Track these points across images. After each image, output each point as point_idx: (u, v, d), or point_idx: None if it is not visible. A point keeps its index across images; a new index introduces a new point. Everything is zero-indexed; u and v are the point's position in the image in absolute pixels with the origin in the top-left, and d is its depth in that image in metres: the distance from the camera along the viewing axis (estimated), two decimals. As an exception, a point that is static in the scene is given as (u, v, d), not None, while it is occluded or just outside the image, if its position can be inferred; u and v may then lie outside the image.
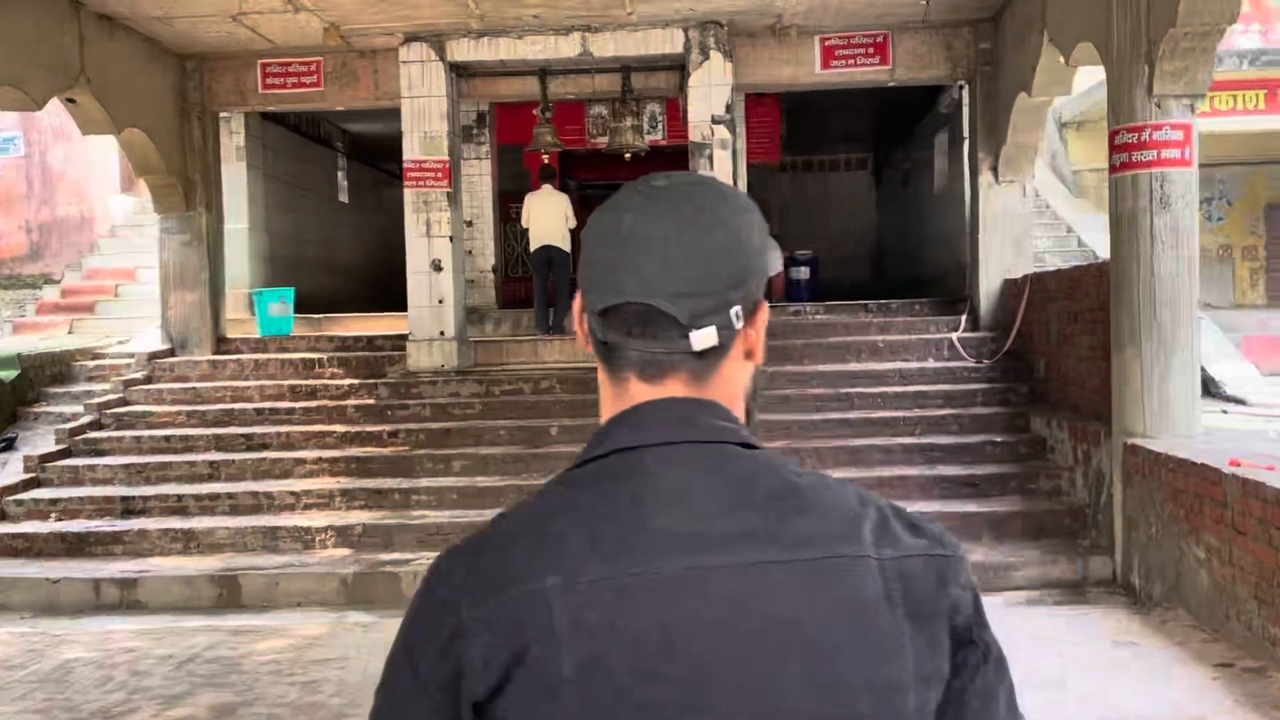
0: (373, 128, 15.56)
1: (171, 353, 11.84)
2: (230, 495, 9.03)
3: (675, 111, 14.36)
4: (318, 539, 8.47)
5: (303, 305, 13.64)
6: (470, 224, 13.03)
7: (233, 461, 9.55)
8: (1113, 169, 7.31)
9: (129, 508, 9.01)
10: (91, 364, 11.66)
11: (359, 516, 8.78)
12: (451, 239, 11.26)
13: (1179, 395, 7.01)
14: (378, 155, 16.72)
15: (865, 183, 19.44)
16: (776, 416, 9.82)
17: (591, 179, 15.97)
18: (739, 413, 1.13)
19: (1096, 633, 6.10)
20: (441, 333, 11.25)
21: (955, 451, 9.15)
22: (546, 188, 12.27)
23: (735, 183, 11.09)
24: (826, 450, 9.22)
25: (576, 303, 1.15)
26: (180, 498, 9.04)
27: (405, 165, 11.28)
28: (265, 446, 9.96)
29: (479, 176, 13.10)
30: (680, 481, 1.04)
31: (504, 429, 9.91)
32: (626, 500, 1.04)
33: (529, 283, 13.10)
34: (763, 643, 0.98)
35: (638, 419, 1.09)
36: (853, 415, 9.77)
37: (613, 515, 1.03)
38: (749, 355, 1.15)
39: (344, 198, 16.77)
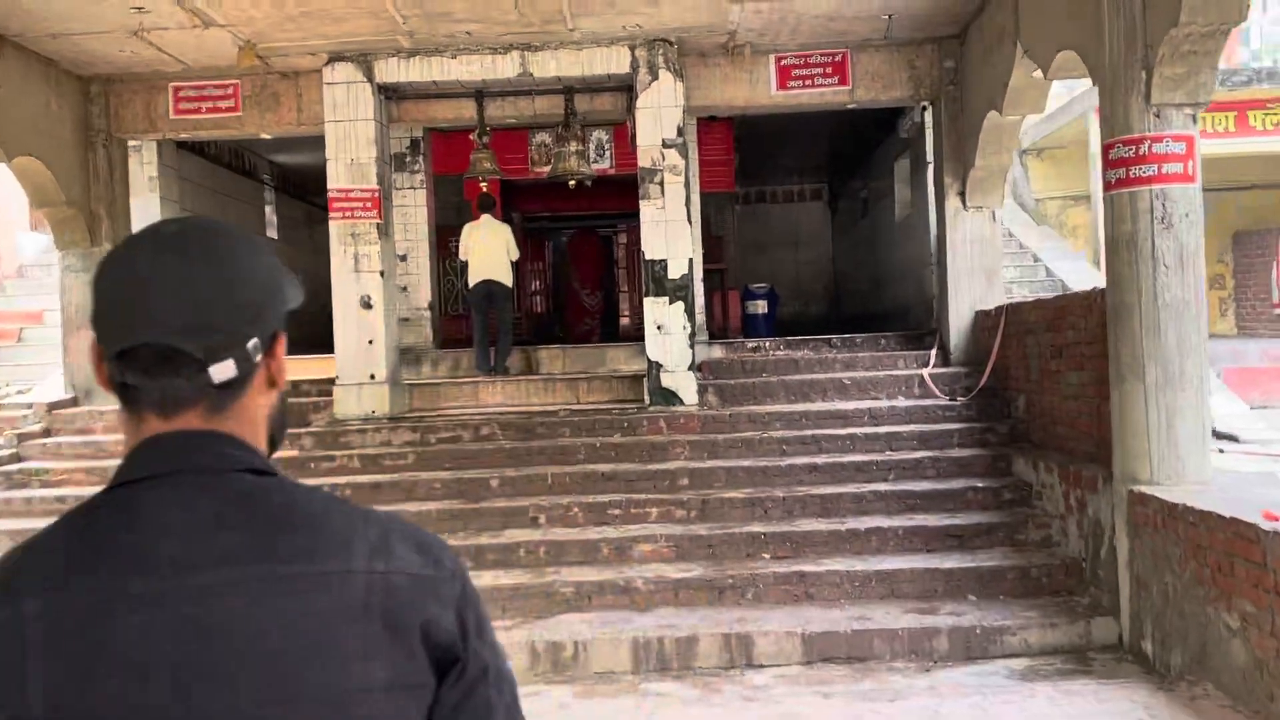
0: (302, 159, 14.66)
1: (75, 402, 10.79)
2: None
3: (623, 139, 13.60)
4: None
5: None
6: (404, 258, 12.14)
7: (134, 524, 8.52)
8: (1108, 186, 6.60)
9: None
10: (-17, 416, 10.57)
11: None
12: (383, 274, 10.37)
13: (1189, 436, 6.29)
14: (308, 188, 15.79)
15: (820, 214, 18.83)
16: (738, 462, 9.01)
17: (536, 210, 15.16)
18: (260, 439, 1.22)
19: (1116, 711, 5.30)
20: (372, 376, 10.33)
21: (934, 499, 8.37)
22: (486, 218, 11.43)
23: (689, 210, 10.34)
24: (793, 499, 8.41)
25: (91, 347, 1.18)
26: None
27: (330, 195, 10.39)
28: (173, 506, 8.95)
29: (414, 208, 12.22)
30: (174, 507, 1.10)
31: (440, 481, 8.99)
32: (120, 527, 1.09)
33: (469, 320, 12.22)
34: (227, 654, 1.05)
35: (148, 453, 1.14)
36: (820, 460, 8.98)
37: (100, 543, 1.08)
38: (271, 384, 1.22)
39: (273, 233, 15.80)
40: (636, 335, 13.65)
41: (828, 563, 7.67)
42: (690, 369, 10.23)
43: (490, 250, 11.23)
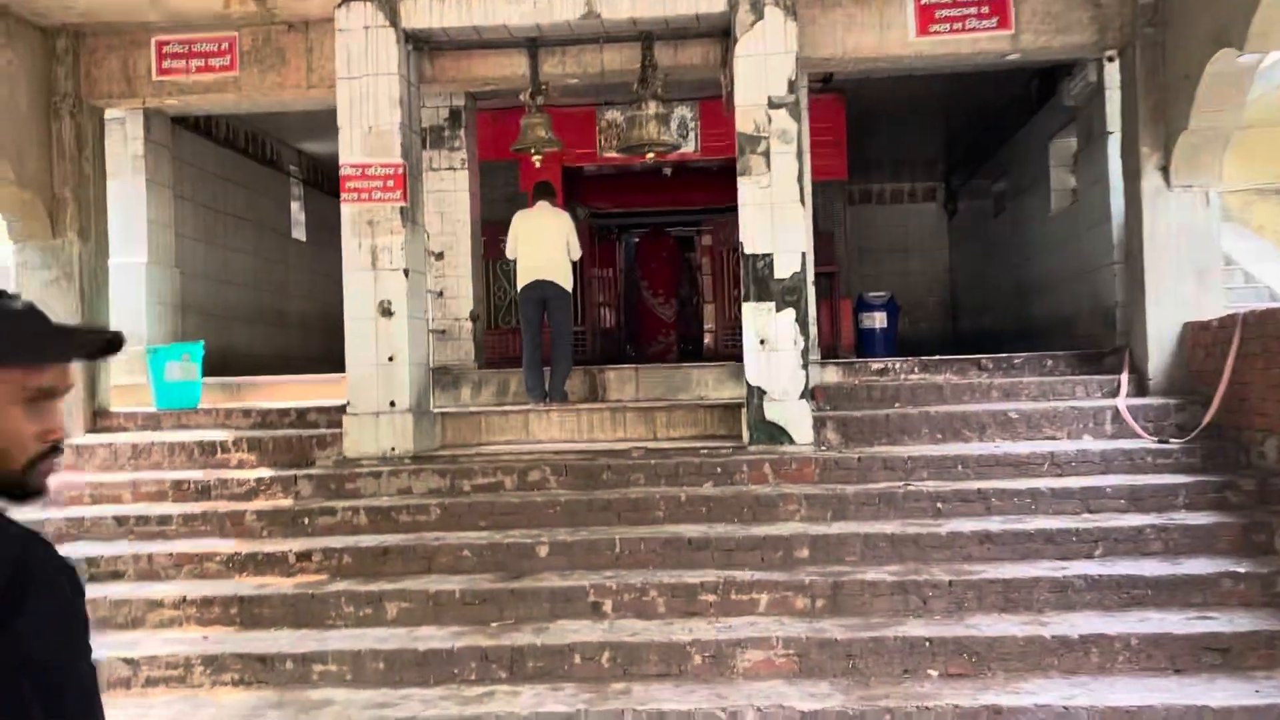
0: (334, 147, 12.51)
1: None
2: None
3: (711, 116, 11.26)
4: (148, 747, 5.17)
5: (227, 366, 10.47)
6: (440, 256, 9.86)
7: (55, 603, 6.26)
8: None
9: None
10: (-88, 449, 8.45)
11: (228, 703, 5.48)
12: (407, 272, 8.08)
13: None
14: (346, 184, 13.65)
15: (934, 217, 16.24)
16: (875, 527, 6.52)
17: (603, 206, 12.82)
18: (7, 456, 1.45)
19: None
20: (392, 403, 8.02)
21: (1170, 588, 5.81)
22: (543, 205, 9.10)
23: (801, 190, 7.90)
24: (963, 585, 5.90)
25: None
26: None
27: (343, 172, 8.14)
28: (116, 576, 6.71)
29: (453, 193, 9.93)
30: None
31: (470, 547, 6.63)
32: None
33: (519, 335, 9.90)
34: None
35: None
36: (994, 525, 6.45)
37: None
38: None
39: (300, 234, 13.67)
40: (723, 354, 11.21)
41: (1029, 689, 5.15)
42: (803, 396, 7.78)
43: (546, 244, 8.89)
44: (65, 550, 6.04)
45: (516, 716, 5.10)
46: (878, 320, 11.26)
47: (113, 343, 1.55)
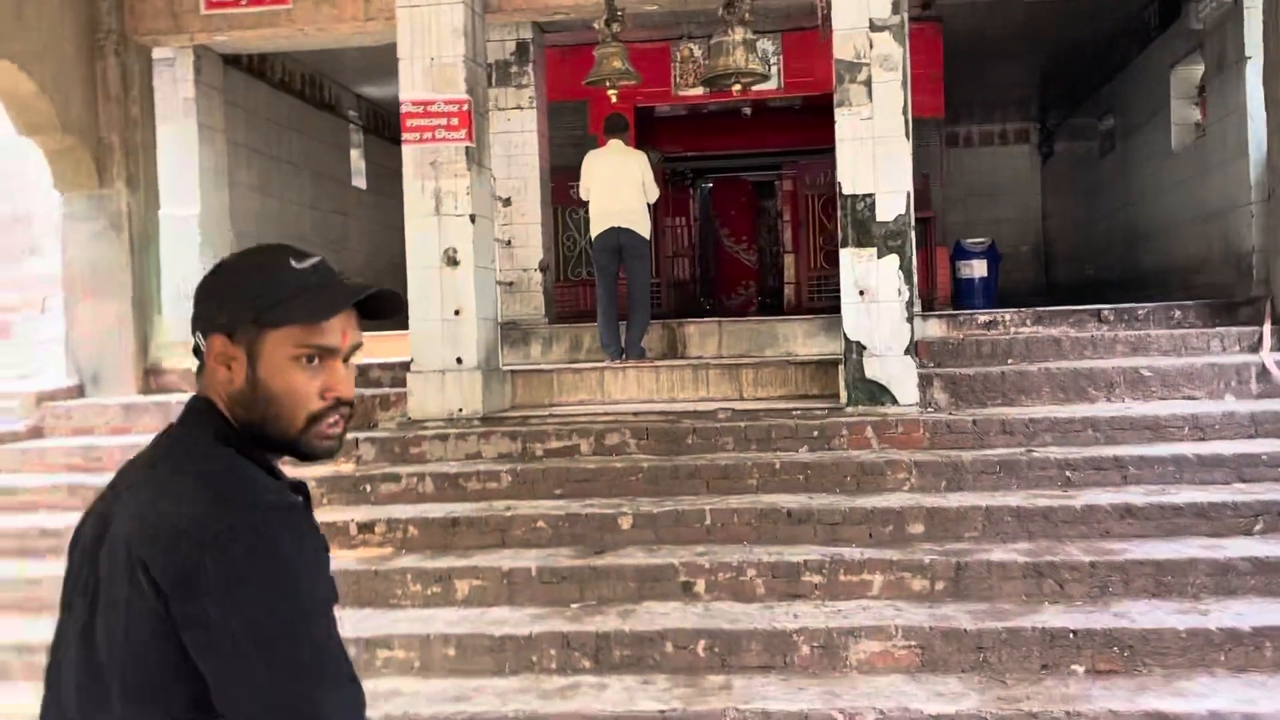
0: (397, 91, 11.90)
1: (80, 391, 8.22)
2: (76, 644, 5.28)
3: (795, 50, 10.45)
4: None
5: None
6: (508, 202, 9.23)
7: (101, 577, 5.80)
8: None
9: (-92, 666, 5.33)
10: (-40, 410, 8.07)
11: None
12: (474, 218, 7.47)
13: None
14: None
15: (1027, 160, 15.26)
16: (999, 499, 5.82)
17: (680, 150, 12.07)
18: (220, 399, 1.51)
19: None
20: (459, 360, 7.45)
21: (1350, 572, 5.05)
22: (615, 144, 8.43)
23: (906, 123, 7.12)
24: (1106, 567, 5.19)
25: None
26: (-6, 648, 5.33)
27: (403, 109, 7.53)
28: (166, 546, 6.21)
29: (521, 135, 9.27)
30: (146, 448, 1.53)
31: (546, 519, 6.03)
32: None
33: (594, 287, 9.28)
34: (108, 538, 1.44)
35: None
36: (1135, 497, 5.71)
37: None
38: (228, 368, 1.51)
39: (360, 183, 13.12)
40: (806, 308, 10.49)
41: (1196, 690, 4.45)
42: (907, 352, 7.05)
43: (620, 186, 8.22)
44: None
45: (606, 715, 4.51)
46: (976, 269, 10.44)
47: (391, 300, 1.57)
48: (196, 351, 1.53)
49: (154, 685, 1.37)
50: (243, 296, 1.50)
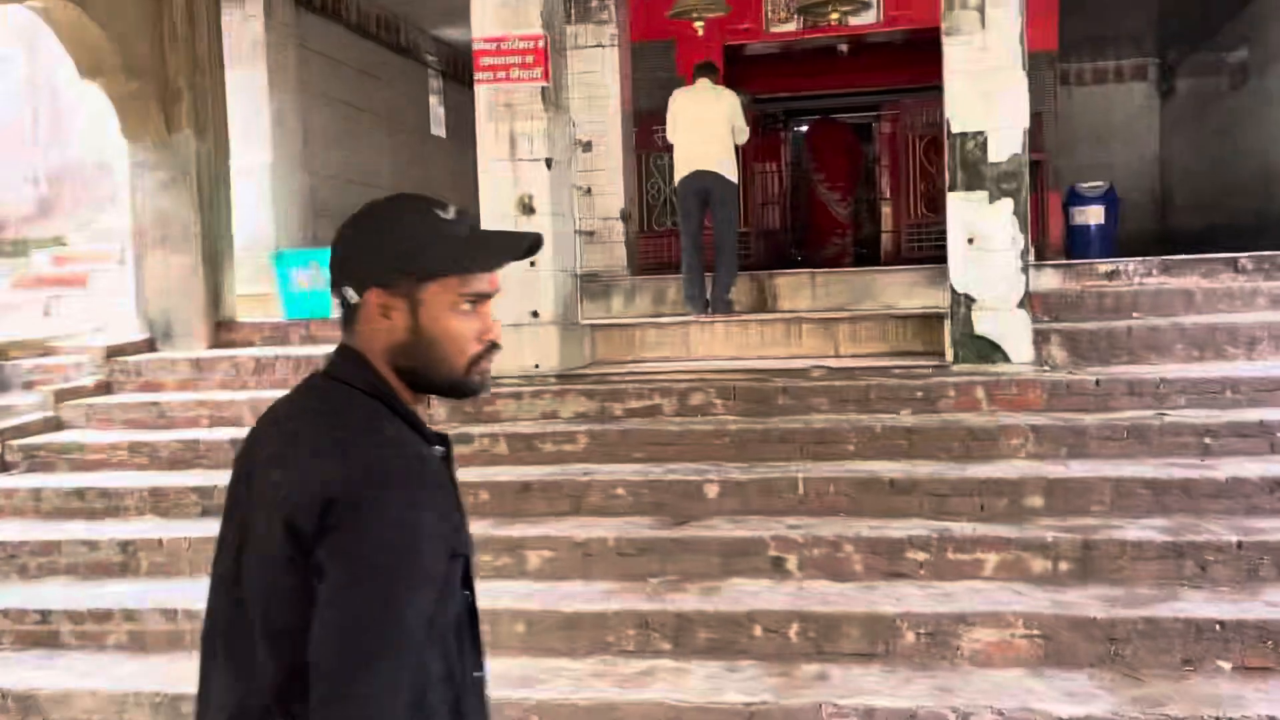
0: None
1: (150, 345, 8.01)
2: (132, 616, 5.02)
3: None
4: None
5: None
6: (587, 148, 8.74)
7: (161, 543, 5.54)
8: None
9: (-38, 631, 5.12)
10: (31, 363, 7.90)
11: (341, 668, 4.61)
12: (550, 163, 7.01)
13: None
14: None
15: (1144, 99, 14.23)
16: (1128, 469, 5.24)
17: (770, 91, 11.42)
18: (376, 359, 1.57)
19: None
20: (534, 314, 7.03)
21: None
22: (704, 83, 7.88)
23: (1023, 53, 6.44)
24: (1255, 548, 4.59)
25: None
26: (48, 614, 5.08)
27: (475, 48, 7.07)
28: (229, 509, 5.93)
29: (601, 75, 8.75)
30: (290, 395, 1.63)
31: (625, 484, 5.59)
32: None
33: (678, 238, 8.78)
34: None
35: None
36: (1284, 469, 5.06)
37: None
38: (386, 318, 1.56)
39: (439, 131, 12.74)
40: (904, 259, 9.83)
41: (1370, 698, 3.84)
42: (1021, 305, 6.43)
43: (708, 127, 7.70)
44: (176, 478, 5.27)
45: (688, 707, 4.07)
46: (1092, 216, 9.65)
47: (534, 244, 1.62)
48: (344, 304, 1.58)
49: (288, 629, 1.44)
50: (399, 249, 1.56)
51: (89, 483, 6.22)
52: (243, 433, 5.42)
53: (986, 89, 6.40)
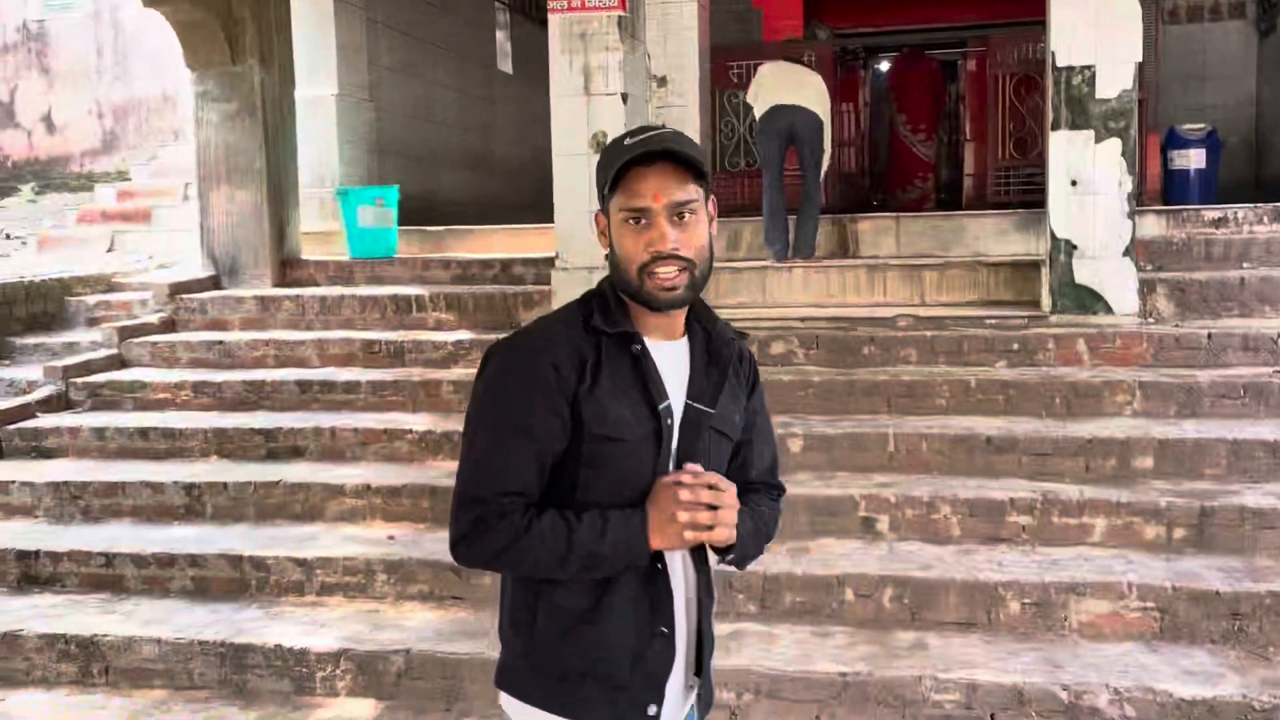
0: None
1: (215, 282, 7.87)
2: (196, 561, 4.88)
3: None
4: (319, 681, 4.19)
5: (430, 214, 9.43)
6: (663, 82, 8.36)
7: (225, 486, 5.39)
8: None
9: (28, 572, 5.02)
10: (96, 300, 7.80)
11: (413, 624, 4.44)
12: (626, 98, 6.68)
13: None
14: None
15: (1241, 39, 13.47)
16: (1247, 430, 4.87)
17: (849, 26, 10.94)
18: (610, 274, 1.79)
19: None
20: (607, 256, 6.72)
21: None
22: (793, 64, 7.60)
23: (1138, -20, 5.97)
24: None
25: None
26: (112, 558, 4.96)
27: (549, -27, 6.73)
28: (296, 453, 5.78)
29: (679, 6, 8.35)
30: None
31: (703, 435, 5.33)
32: None
33: (756, 179, 8.44)
34: None
35: None
36: None
37: None
38: (602, 237, 1.80)
39: (506, 66, 12.42)
40: (997, 203, 9.39)
41: None
42: (1126, 254, 6.03)
43: (796, 79, 7.38)
44: (240, 419, 5.08)
45: (778, 675, 3.83)
46: (1193, 159, 9.12)
47: (661, 142, 1.67)
48: None
49: None
50: (597, 173, 1.74)
51: (153, 422, 6.10)
52: (308, 374, 5.25)
53: (1097, 17, 5.96)
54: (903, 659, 3.91)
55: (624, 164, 1.65)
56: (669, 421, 1.72)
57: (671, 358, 1.77)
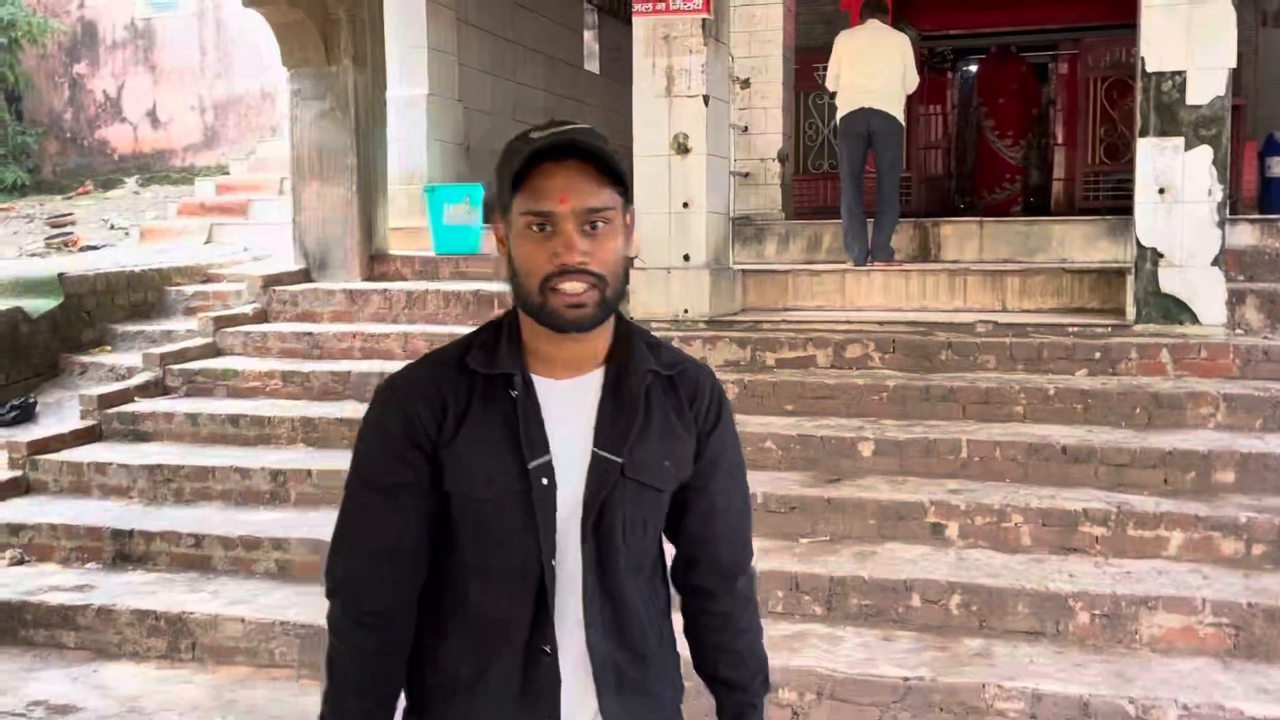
0: (630, -32, 11.19)
1: (306, 275, 8.11)
2: (280, 544, 5.07)
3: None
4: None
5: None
6: (746, 84, 8.43)
7: (310, 473, 5.58)
8: None
9: (122, 550, 5.26)
10: (193, 290, 8.10)
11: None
12: (707, 100, 6.74)
13: None
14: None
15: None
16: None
17: (938, 27, 10.84)
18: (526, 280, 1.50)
19: None
20: (686, 257, 6.80)
21: None
22: (873, 23, 7.48)
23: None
24: None
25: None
26: (201, 540, 5.17)
27: (635, -23, 6.81)
28: (377, 442, 5.94)
29: (763, 7, 8.39)
30: None
31: (775, 438, 5.37)
32: None
33: (837, 182, 8.42)
34: None
35: None
36: None
37: None
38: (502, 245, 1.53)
39: (593, 66, 12.55)
40: (1085, 209, 9.24)
41: None
42: (1215, 264, 5.91)
43: (876, 69, 7.30)
44: (326, 409, 5.27)
45: (841, 677, 3.86)
46: (1292, 164, 8.89)
47: (563, 137, 1.46)
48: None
49: None
50: (497, 172, 1.50)
51: (244, 409, 6.33)
52: (392, 366, 5.34)
53: (1189, 21, 5.85)
54: (967, 666, 3.90)
55: (528, 160, 1.42)
56: (544, 480, 1.49)
57: (576, 398, 1.53)
